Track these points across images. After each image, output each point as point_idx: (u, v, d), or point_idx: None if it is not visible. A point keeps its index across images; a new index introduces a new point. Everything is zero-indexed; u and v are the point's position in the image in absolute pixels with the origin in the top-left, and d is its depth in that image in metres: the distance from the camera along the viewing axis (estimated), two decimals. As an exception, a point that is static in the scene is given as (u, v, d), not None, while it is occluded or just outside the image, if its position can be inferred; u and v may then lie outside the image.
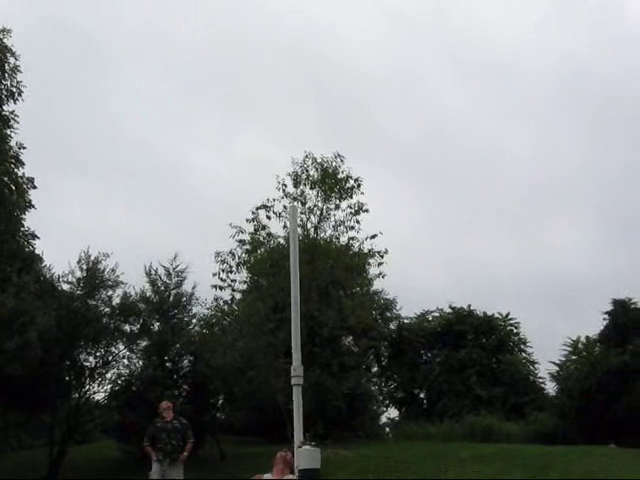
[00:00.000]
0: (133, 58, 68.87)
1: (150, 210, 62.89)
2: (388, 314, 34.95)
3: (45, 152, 51.49)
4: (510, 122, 69.48)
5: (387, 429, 34.78)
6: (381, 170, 59.62)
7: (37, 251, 23.50)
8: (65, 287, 21.23)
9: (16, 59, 22.96)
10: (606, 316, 31.02)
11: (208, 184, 63.34)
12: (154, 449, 11.96)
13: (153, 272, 22.12)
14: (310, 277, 22.42)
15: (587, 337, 32.04)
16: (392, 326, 35.48)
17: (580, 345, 32.05)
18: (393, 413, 36.91)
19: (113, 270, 21.20)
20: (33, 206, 23.10)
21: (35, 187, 23.11)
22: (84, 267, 21.03)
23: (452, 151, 68.07)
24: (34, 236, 23.42)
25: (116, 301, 21.44)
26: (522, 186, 65.49)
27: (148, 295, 21.94)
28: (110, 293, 21.37)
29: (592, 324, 35.75)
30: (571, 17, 69.76)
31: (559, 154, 66.57)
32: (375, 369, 35.98)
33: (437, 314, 38.02)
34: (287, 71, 69.48)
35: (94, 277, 20.93)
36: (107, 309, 21.33)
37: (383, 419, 35.80)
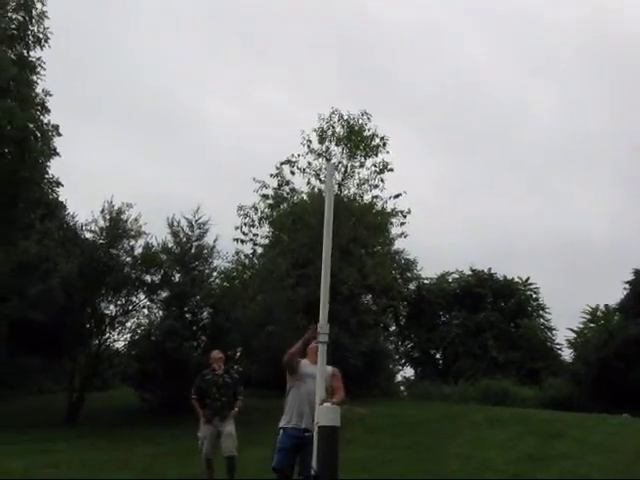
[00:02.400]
0: (153, 6, 68.15)
1: (171, 161, 62.94)
2: (408, 274, 34.91)
3: (68, 99, 51.39)
4: (533, 78, 68.65)
5: (402, 388, 34.99)
6: (402, 127, 59.23)
7: (61, 199, 23.65)
8: (88, 236, 21.44)
9: (43, 4, 22.75)
10: (627, 285, 30.85)
11: (228, 135, 63.18)
12: (202, 405, 10.65)
13: (175, 223, 22.20)
14: (333, 234, 22.37)
15: (606, 306, 31.96)
16: (412, 286, 35.47)
17: (599, 313, 32.00)
18: (409, 372, 37.12)
19: (136, 220, 21.36)
20: (58, 154, 23.10)
21: (60, 134, 23.08)
22: (107, 217, 21.16)
23: (474, 109, 67.37)
24: (58, 184, 23.50)
25: (138, 251, 21.63)
26: (545, 146, 64.86)
27: (170, 246, 22.04)
28: (132, 243, 21.57)
29: (612, 293, 35.64)
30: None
31: (583, 113, 65.72)
32: (393, 328, 36.09)
33: (457, 276, 37.95)
34: (308, 22, 68.52)
35: (117, 227, 21.08)
36: (129, 259, 21.50)
37: (399, 378, 36.03)
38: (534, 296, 38.18)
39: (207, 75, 65.87)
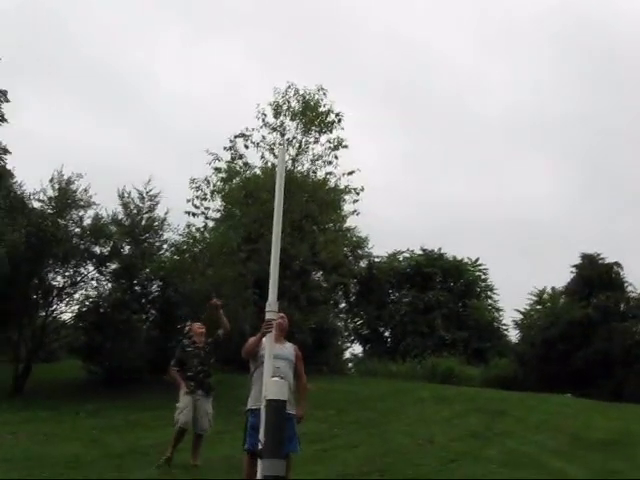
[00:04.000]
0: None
1: (123, 131, 62.05)
2: (359, 252, 35.06)
3: (16, 65, 50.20)
4: (489, 57, 68.99)
5: (350, 365, 35.26)
6: (358, 104, 59.19)
7: (8, 166, 23.08)
8: (36, 205, 20.98)
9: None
10: (573, 269, 31.45)
11: (181, 105, 62.30)
12: (183, 377, 10.38)
13: (126, 195, 21.90)
14: (284, 210, 22.30)
15: (553, 288, 32.57)
16: (362, 264, 35.65)
17: (546, 295, 32.59)
18: (357, 349, 37.44)
19: (85, 190, 21.00)
20: (5, 120, 22.56)
21: (8, 100, 22.54)
22: (56, 186, 20.75)
23: (430, 87, 67.64)
24: (5, 151, 22.92)
25: (87, 222, 21.26)
26: (499, 126, 65.45)
27: (120, 218, 21.75)
28: (81, 213, 21.20)
29: (560, 275, 36.29)
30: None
31: (537, 94, 66.34)
32: (343, 305, 36.28)
33: (407, 255, 38.24)
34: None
35: (66, 197, 20.69)
36: (78, 229, 21.15)
37: (347, 355, 36.30)
38: (483, 277, 38.75)
39: (159, 43, 64.86)
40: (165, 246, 22.59)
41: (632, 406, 19.27)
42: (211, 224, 25.98)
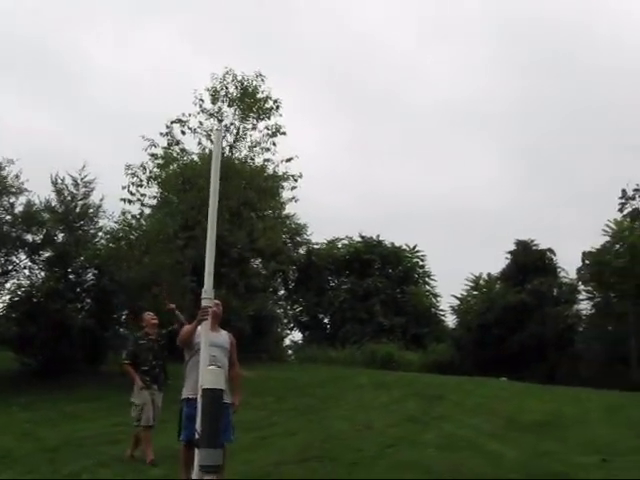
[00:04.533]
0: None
1: (57, 115, 60.63)
2: (298, 239, 35.10)
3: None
4: (426, 44, 69.45)
5: (290, 352, 35.29)
6: (296, 90, 59.02)
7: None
8: (-36, 192, 20.34)
9: None
10: (508, 255, 32.02)
11: (117, 89, 61.12)
12: (136, 371, 9.89)
13: (60, 181, 21.39)
14: (221, 197, 22.13)
15: (489, 274, 33.14)
16: (301, 251, 35.69)
17: (482, 281, 33.14)
18: (297, 336, 37.51)
19: (17, 176, 20.45)
20: None
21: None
22: (-15, 172, 20.17)
23: (370, 73, 67.75)
24: None
25: (19, 209, 20.70)
26: (437, 113, 66.00)
27: (53, 205, 21.24)
28: (12, 200, 20.61)
29: (495, 262, 36.90)
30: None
31: (476, 80, 67.10)
32: (282, 292, 36.28)
33: (346, 242, 38.39)
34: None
35: (-4, 182, 20.13)
36: (9, 217, 20.57)
37: (287, 342, 36.35)
38: (421, 263, 39.16)
39: (95, 25, 63.40)
40: (100, 234, 22.16)
41: (564, 388, 19.74)
42: (147, 211, 25.62)
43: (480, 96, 65.90)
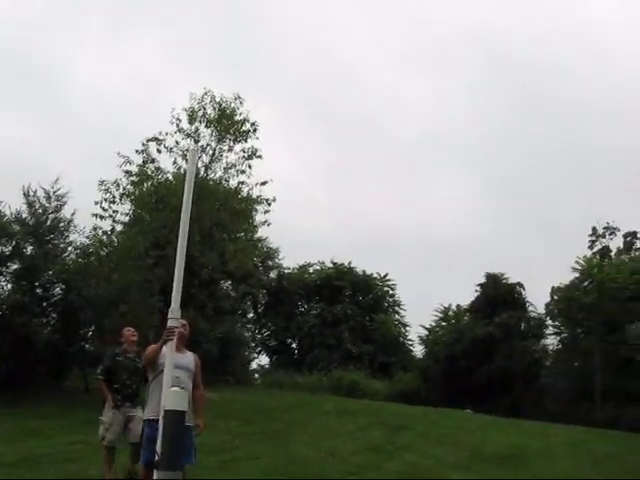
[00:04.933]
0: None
1: (28, 123, 60.01)
2: (270, 262, 35.05)
3: None
4: (409, 71, 70.05)
5: (256, 376, 35.09)
6: (273, 113, 59.14)
7: None
8: None
9: None
10: (478, 288, 32.18)
11: (91, 100, 60.77)
12: (109, 389, 9.50)
13: (31, 193, 21.21)
14: (194, 217, 22.08)
15: (458, 306, 33.25)
16: (272, 275, 35.61)
17: (451, 313, 33.24)
18: (264, 360, 37.33)
19: (-13, 187, 20.24)
20: None
21: None
22: (-45, 181, 19.96)
23: (348, 98, 68.15)
24: None
25: (-13, 220, 20.47)
26: (412, 143, 66.47)
27: (24, 217, 21.05)
28: (-18, 211, 20.40)
29: (464, 293, 37.05)
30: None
31: (455, 112, 67.75)
32: (251, 315, 36.12)
33: (318, 267, 38.41)
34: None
35: (-34, 192, 19.90)
36: (-23, 227, 20.35)
37: (254, 366, 36.15)
38: (391, 292, 39.24)
39: (74, 37, 63.18)
40: (70, 248, 21.95)
41: (529, 422, 19.78)
42: (119, 228, 25.41)
43: (457, 127, 66.56)
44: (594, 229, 29.57)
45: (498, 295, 30.99)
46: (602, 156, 61.06)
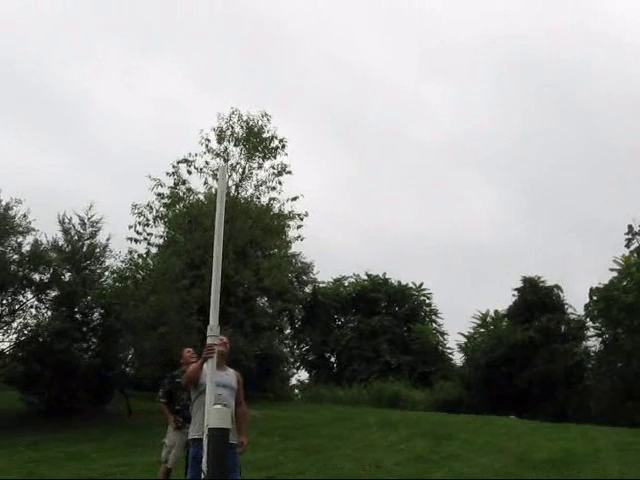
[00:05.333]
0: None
1: (61, 152, 60.85)
2: (304, 277, 35.07)
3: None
4: (431, 79, 69.87)
5: (296, 391, 35.07)
6: (302, 129, 59.32)
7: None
8: (-29, 232, 20.40)
9: None
10: (515, 292, 31.89)
11: (123, 129, 61.39)
12: (170, 409, 9.50)
13: (67, 220, 21.49)
14: (228, 236, 22.21)
15: (496, 311, 32.97)
16: (307, 289, 35.63)
17: (489, 319, 32.97)
18: (303, 375, 37.30)
19: (25, 216, 20.54)
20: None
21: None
22: (-6, 212, 20.26)
23: (373, 110, 68.10)
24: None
25: (26, 248, 20.76)
26: (444, 151, 66.20)
27: (60, 244, 21.31)
28: (20, 240, 20.69)
29: (502, 298, 36.75)
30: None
31: (478, 115, 67.37)
32: (288, 331, 36.15)
33: (353, 280, 38.34)
34: (206, 12, 67.41)
35: (4, 223, 20.19)
36: (16, 256, 20.64)
37: (293, 381, 36.14)
38: (427, 301, 39.03)
39: (99, 65, 63.93)
40: (107, 273, 22.20)
41: (573, 426, 19.52)
42: (154, 250, 25.67)
43: (482, 131, 66.18)
44: (630, 227, 29.09)
45: (536, 299, 30.69)
46: (634, 152, 60.21)
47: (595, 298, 28.86)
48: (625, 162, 62.46)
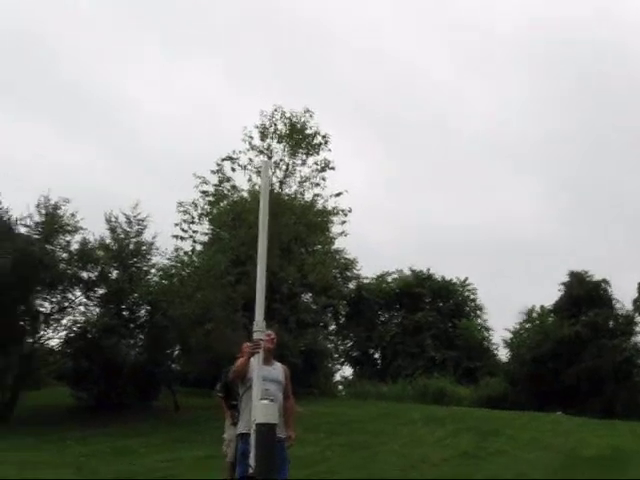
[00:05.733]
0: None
1: (106, 152, 61.45)
2: (348, 273, 35.05)
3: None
4: (470, 77, 69.15)
5: (341, 387, 35.10)
6: (346, 125, 59.16)
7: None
8: (23, 230, 20.82)
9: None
10: (562, 287, 31.51)
11: (167, 129, 61.83)
12: (228, 405, 9.31)
13: (113, 219, 21.80)
14: (272, 233, 22.30)
15: (542, 306, 32.58)
16: (351, 285, 35.62)
17: (535, 314, 32.59)
18: (347, 371, 37.29)
19: (73, 215, 20.89)
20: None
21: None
22: (43, 211, 20.63)
23: (413, 107, 67.70)
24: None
25: (74, 247, 21.13)
26: (484, 145, 65.51)
27: (107, 242, 21.64)
28: (69, 238, 21.06)
29: (548, 293, 36.31)
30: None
31: (530, 117, 66.55)
32: (332, 327, 36.18)
33: (396, 276, 38.23)
34: (242, 8, 67.52)
35: (53, 222, 20.57)
36: (65, 255, 21.02)
37: (337, 377, 36.17)
38: (472, 297, 38.74)
39: (140, 65, 64.30)
40: (153, 270, 22.50)
41: (621, 423, 19.26)
42: (199, 247, 25.92)
43: (522, 126, 65.36)
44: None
45: (583, 293, 30.28)
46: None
47: (644, 293, 28.43)
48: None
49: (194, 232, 25.32)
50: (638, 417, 21.26)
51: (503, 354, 34.61)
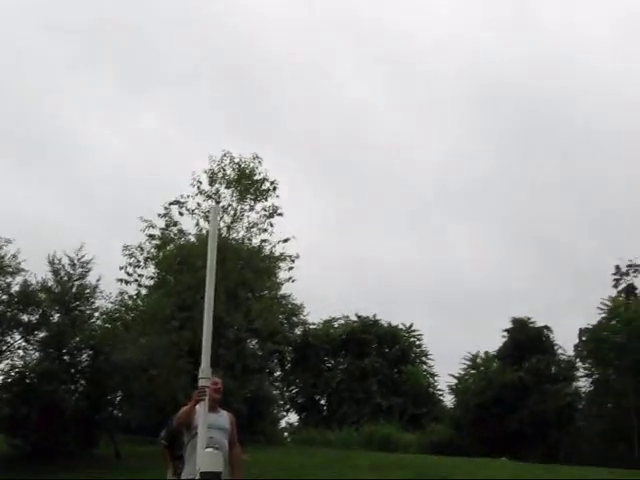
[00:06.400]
0: (20, 18, 65.22)
1: (50, 194, 60.41)
2: (295, 319, 34.93)
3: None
4: (421, 123, 70.07)
5: (286, 434, 34.74)
6: (292, 171, 59.41)
7: None
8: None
9: None
10: (505, 333, 31.88)
11: (114, 172, 61.02)
12: (172, 455, 8.67)
13: (57, 261, 21.48)
14: (219, 277, 22.16)
15: (486, 352, 32.85)
16: (298, 331, 35.48)
17: (479, 360, 32.83)
18: (293, 418, 36.95)
19: (14, 256, 20.55)
20: None
21: None
22: (-18, 253, 20.25)
23: (362, 150, 68.30)
24: None
25: (15, 289, 20.72)
26: (430, 191, 66.24)
27: (50, 284, 21.28)
28: (9, 280, 20.66)
29: (492, 339, 36.65)
30: (486, 21, 70.59)
31: (470, 162, 67.52)
32: (278, 373, 35.90)
33: (343, 321, 38.20)
34: (190, 51, 67.81)
35: (-7, 263, 20.19)
36: (5, 296, 20.60)
37: (283, 424, 35.81)
38: (417, 342, 38.89)
39: (88, 106, 63.83)
40: (97, 314, 22.16)
41: (565, 468, 19.40)
42: (144, 291, 25.58)
43: (469, 174, 66.38)
44: (617, 267, 29.33)
45: (526, 339, 30.68)
46: (618, 188, 60.34)
47: (584, 339, 28.91)
48: (614, 196, 62.52)
49: (139, 276, 24.99)
50: (580, 462, 21.44)
51: (449, 400, 34.77)
